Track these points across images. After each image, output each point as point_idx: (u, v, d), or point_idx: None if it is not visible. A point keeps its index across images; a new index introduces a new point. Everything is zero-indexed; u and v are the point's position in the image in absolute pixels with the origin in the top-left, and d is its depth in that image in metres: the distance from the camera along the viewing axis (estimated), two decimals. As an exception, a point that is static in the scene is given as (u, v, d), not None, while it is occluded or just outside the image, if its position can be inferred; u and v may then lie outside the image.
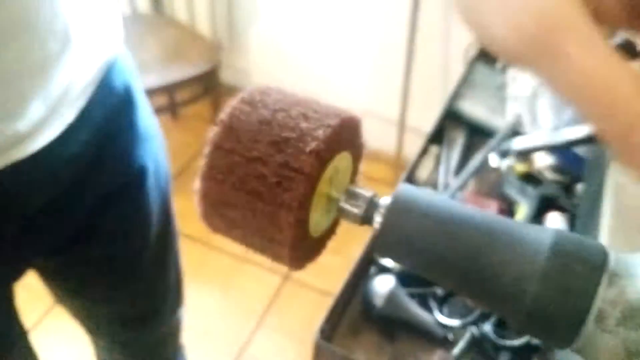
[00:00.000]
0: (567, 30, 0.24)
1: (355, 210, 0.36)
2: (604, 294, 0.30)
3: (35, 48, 0.48)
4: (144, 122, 0.70)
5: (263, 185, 0.33)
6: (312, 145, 0.32)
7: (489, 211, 0.34)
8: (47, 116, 0.51)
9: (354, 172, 0.41)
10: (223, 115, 0.34)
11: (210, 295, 1.54)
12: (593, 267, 0.30)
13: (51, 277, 0.78)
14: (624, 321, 0.30)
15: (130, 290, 0.81)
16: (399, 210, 0.33)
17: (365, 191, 0.37)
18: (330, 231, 0.40)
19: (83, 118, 0.56)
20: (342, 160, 0.37)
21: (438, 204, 0.33)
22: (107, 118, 0.61)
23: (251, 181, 0.33)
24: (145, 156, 0.71)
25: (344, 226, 0.41)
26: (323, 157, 0.34)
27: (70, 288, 0.79)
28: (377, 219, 0.35)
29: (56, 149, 0.54)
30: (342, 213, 0.37)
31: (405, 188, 0.35)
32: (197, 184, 0.35)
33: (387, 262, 0.75)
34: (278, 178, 0.32)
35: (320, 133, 0.33)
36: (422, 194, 0.34)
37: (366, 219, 0.36)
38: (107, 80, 0.60)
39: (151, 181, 0.73)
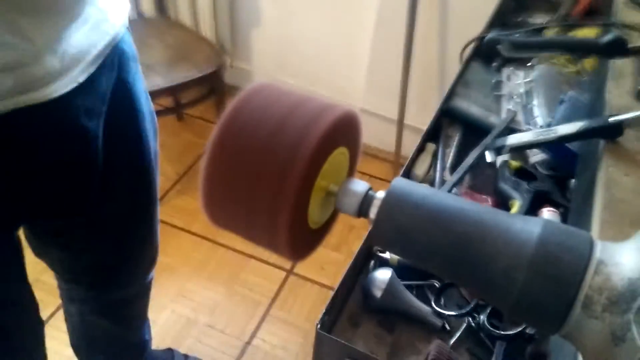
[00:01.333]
0: None
1: (352, 203, 0.39)
2: (590, 281, 0.32)
3: (72, 20, 0.58)
4: (146, 102, 0.79)
5: (261, 180, 0.35)
6: (310, 141, 0.35)
7: (477, 203, 0.36)
8: (61, 72, 0.59)
9: (352, 166, 0.44)
10: (224, 113, 0.36)
11: (216, 290, 1.57)
12: (579, 255, 0.32)
13: (41, 234, 0.83)
14: (610, 307, 0.31)
15: (114, 240, 0.88)
16: (394, 202, 0.36)
17: (362, 184, 0.40)
18: (330, 223, 0.43)
19: (92, 84, 0.65)
20: (340, 155, 0.40)
21: (431, 197, 0.36)
22: (111, 89, 0.69)
23: (250, 177, 0.35)
24: (148, 132, 0.81)
25: (345, 224, 0.44)
26: (320, 153, 0.36)
27: (60, 243, 0.84)
28: (373, 211, 0.37)
29: (67, 106, 0.62)
30: (339, 206, 0.40)
31: (399, 181, 0.37)
32: (199, 179, 0.37)
33: (386, 255, 0.77)
34: (276, 173, 0.34)
35: (317, 129, 0.35)
36: (416, 187, 0.37)
37: (362, 212, 0.39)
38: (112, 56, 0.68)
39: (152, 152, 0.83)
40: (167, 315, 1.51)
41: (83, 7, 0.61)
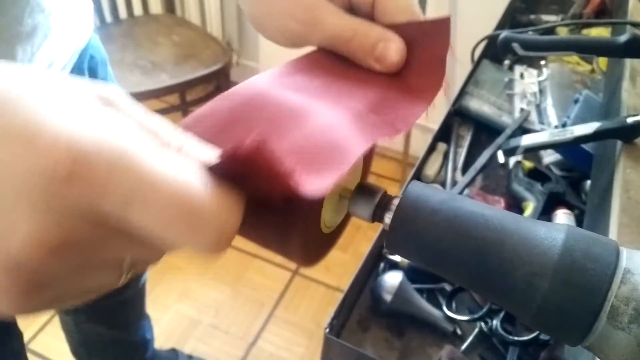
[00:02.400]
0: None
1: (366, 207, 0.37)
2: (616, 290, 0.30)
3: (26, 16, 0.54)
4: None
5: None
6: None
7: (499, 207, 0.35)
8: None
9: (365, 169, 0.42)
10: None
11: (220, 290, 1.56)
12: (605, 264, 0.30)
13: None
14: (637, 318, 0.30)
15: None
16: (410, 207, 0.34)
17: (376, 188, 0.38)
18: (342, 227, 0.41)
19: None
20: None
21: (449, 201, 0.34)
22: None
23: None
24: None
25: (352, 224, 0.42)
26: None
27: None
28: (388, 216, 0.36)
29: None
30: (353, 210, 0.38)
31: (415, 185, 0.35)
32: None
33: (396, 258, 0.76)
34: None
35: None
36: (432, 192, 0.35)
37: (376, 216, 0.37)
38: (80, 63, 0.67)
39: None
40: (171, 315, 1.50)
41: (47, 22, 0.58)
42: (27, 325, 1.42)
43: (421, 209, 0.34)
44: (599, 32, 1.14)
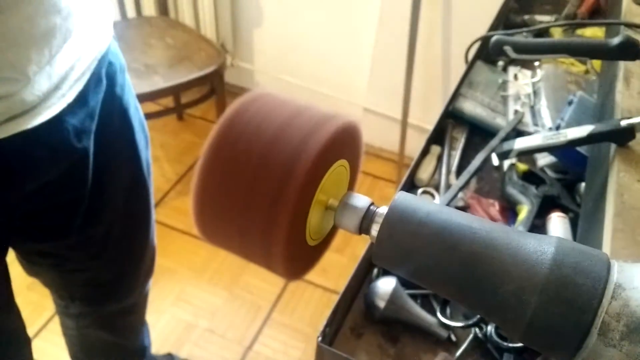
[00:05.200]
0: None
1: (352, 219, 0.37)
2: (607, 306, 0.29)
3: (39, 17, 0.54)
4: (135, 112, 0.77)
5: (256, 194, 0.32)
6: (309, 153, 0.32)
7: (487, 220, 0.34)
8: (50, 92, 0.57)
9: (352, 179, 0.41)
10: (218, 124, 0.34)
11: (216, 294, 1.55)
12: (596, 278, 0.30)
13: (32, 256, 0.81)
14: (628, 335, 0.29)
15: (108, 258, 0.85)
16: (396, 219, 0.33)
17: (363, 199, 0.37)
18: (328, 239, 0.40)
19: (80, 101, 0.62)
20: (340, 167, 0.37)
21: (436, 213, 0.33)
22: (100, 104, 0.67)
23: (245, 190, 0.33)
24: (140, 143, 0.79)
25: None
26: (320, 165, 0.34)
27: (50, 263, 0.83)
28: (375, 229, 0.35)
29: (57, 126, 0.60)
30: (338, 221, 0.37)
31: (402, 197, 0.35)
32: (191, 194, 0.35)
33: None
34: (272, 189, 0.32)
35: (316, 140, 0.32)
36: (420, 203, 0.34)
37: (363, 228, 0.36)
38: (99, 69, 0.66)
39: (144, 163, 0.81)
40: (166, 319, 1.49)
41: (67, 24, 0.58)
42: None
43: (408, 221, 0.33)
44: (593, 32, 1.14)
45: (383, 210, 0.35)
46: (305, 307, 1.55)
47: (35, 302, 1.42)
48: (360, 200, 0.37)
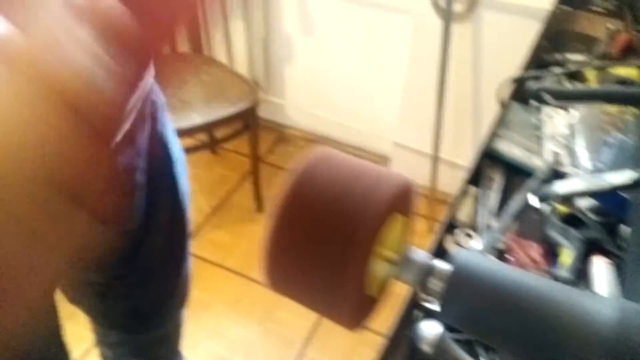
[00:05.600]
0: None
1: (413, 274, 0.38)
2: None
3: None
4: (174, 146, 0.80)
5: (324, 249, 0.35)
6: (370, 209, 0.35)
7: (549, 279, 0.35)
8: None
9: (407, 232, 0.43)
10: (289, 180, 0.37)
11: (249, 328, 1.57)
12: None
13: (76, 285, 0.83)
14: None
15: (149, 287, 0.87)
16: (462, 279, 0.35)
17: (423, 255, 0.39)
18: (386, 290, 0.42)
19: (127, 141, 0.66)
20: (396, 222, 0.39)
21: (497, 272, 0.35)
22: (146, 142, 0.70)
23: (312, 245, 0.35)
24: (179, 175, 0.82)
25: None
26: (379, 221, 0.36)
27: (93, 292, 0.85)
28: (436, 285, 0.37)
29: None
30: (398, 275, 0.39)
31: (464, 255, 0.36)
32: (263, 245, 0.37)
33: (435, 306, 0.75)
34: (337, 242, 0.34)
35: (377, 198, 0.35)
36: (481, 262, 0.36)
37: (423, 284, 0.38)
38: (144, 108, 0.69)
39: (182, 194, 0.84)
40: (201, 353, 1.50)
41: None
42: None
43: (473, 281, 0.35)
44: (627, 72, 1.14)
45: (444, 266, 0.37)
46: (339, 343, 1.55)
47: (74, 333, 1.46)
48: (421, 255, 0.39)
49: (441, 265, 0.38)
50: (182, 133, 1.55)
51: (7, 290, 0.23)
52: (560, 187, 0.72)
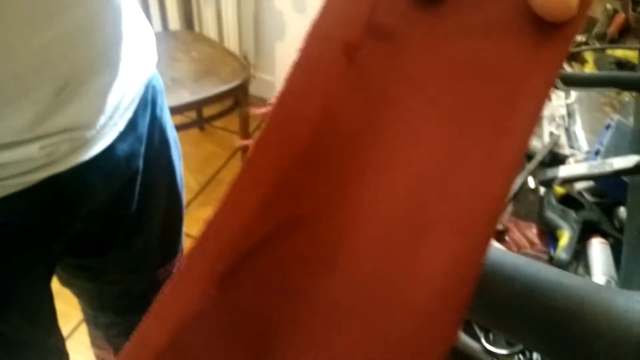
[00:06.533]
0: None
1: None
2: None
3: (109, 75, 0.57)
4: (171, 130, 0.80)
5: None
6: None
7: (574, 275, 0.35)
8: (105, 124, 0.59)
9: None
10: None
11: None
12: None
13: (70, 269, 0.82)
14: None
15: (144, 270, 0.87)
16: (485, 273, 0.34)
17: None
18: None
19: (130, 128, 0.65)
20: None
21: (524, 268, 0.34)
22: (147, 128, 0.69)
23: None
24: (175, 159, 0.81)
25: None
26: None
27: (87, 276, 0.84)
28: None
29: (110, 153, 0.62)
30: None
31: (490, 253, 0.36)
32: None
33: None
34: None
35: None
36: (507, 257, 0.35)
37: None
38: (146, 94, 0.68)
39: (178, 177, 0.84)
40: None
41: (124, 54, 0.60)
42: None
43: (497, 275, 0.34)
44: (624, 52, 1.14)
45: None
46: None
47: (61, 310, 1.44)
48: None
49: None
50: (172, 111, 1.52)
51: None
52: (562, 171, 0.72)
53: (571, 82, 0.63)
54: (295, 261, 0.21)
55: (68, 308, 1.32)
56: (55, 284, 0.88)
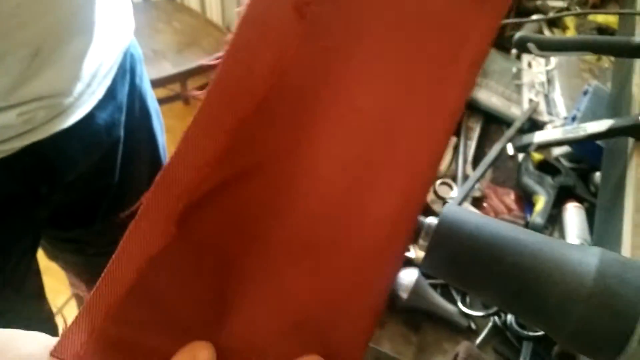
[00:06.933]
0: None
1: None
2: (648, 315, 0.32)
3: (83, 40, 0.57)
4: (151, 100, 0.80)
5: None
6: None
7: (532, 231, 0.36)
8: (83, 92, 0.59)
9: None
10: None
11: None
12: (637, 288, 0.32)
13: (55, 242, 0.83)
14: None
15: None
16: (446, 231, 0.35)
17: None
18: None
19: (109, 95, 0.65)
20: None
21: (484, 226, 0.35)
22: (126, 97, 0.69)
23: None
24: (157, 129, 0.82)
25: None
26: None
27: (73, 248, 0.85)
28: (423, 238, 0.37)
29: (89, 122, 0.62)
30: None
31: (451, 209, 0.36)
32: None
33: (410, 254, 0.77)
34: None
35: None
36: (468, 216, 0.36)
37: (413, 239, 0.38)
38: (124, 62, 0.68)
39: (161, 148, 0.85)
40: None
41: (97, 21, 0.59)
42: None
43: (457, 233, 0.35)
44: (605, 18, 1.14)
45: (431, 221, 0.37)
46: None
47: (50, 286, 1.45)
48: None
49: (428, 220, 0.38)
50: (155, 84, 1.51)
51: None
52: (537, 136, 0.73)
53: (545, 46, 0.64)
54: (253, 203, 0.23)
55: (57, 284, 1.34)
56: (44, 260, 0.89)
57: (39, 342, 0.22)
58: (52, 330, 0.85)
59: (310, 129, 0.23)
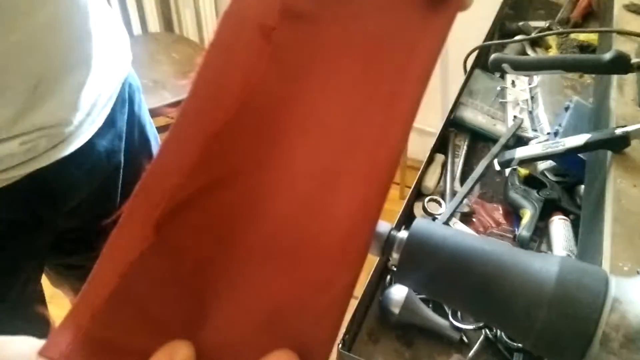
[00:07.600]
0: None
1: (375, 244, 0.41)
2: (607, 319, 0.33)
3: (82, 72, 0.60)
4: (150, 127, 0.82)
5: None
6: None
7: (498, 241, 0.38)
8: (83, 121, 0.62)
9: None
10: None
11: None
12: (595, 293, 0.34)
13: (59, 268, 0.85)
14: (627, 344, 0.33)
15: None
16: (415, 244, 0.38)
17: (384, 225, 0.41)
18: None
19: (109, 124, 0.67)
20: None
21: (451, 237, 0.38)
22: (125, 124, 0.72)
23: None
24: (154, 154, 0.81)
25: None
26: None
27: (76, 275, 0.87)
28: (395, 252, 0.39)
29: (90, 149, 0.65)
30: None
31: (420, 223, 0.39)
32: None
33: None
34: None
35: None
36: (436, 229, 0.38)
37: (385, 252, 0.41)
38: (123, 92, 0.71)
39: None
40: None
41: (95, 54, 0.62)
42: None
43: (426, 246, 0.37)
44: (587, 36, 1.18)
45: (403, 235, 0.39)
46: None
47: (55, 315, 1.47)
48: (382, 226, 0.41)
49: (400, 234, 0.40)
50: (155, 113, 1.55)
51: None
52: (520, 152, 0.75)
53: (519, 66, 0.67)
54: (227, 209, 0.26)
55: (62, 312, 1.35)
56: (49, 289, 0.91)
57: (28, 343, 0.25)
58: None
59: (279, 141, 0.26)
